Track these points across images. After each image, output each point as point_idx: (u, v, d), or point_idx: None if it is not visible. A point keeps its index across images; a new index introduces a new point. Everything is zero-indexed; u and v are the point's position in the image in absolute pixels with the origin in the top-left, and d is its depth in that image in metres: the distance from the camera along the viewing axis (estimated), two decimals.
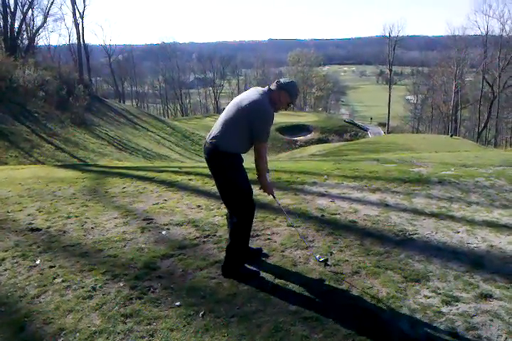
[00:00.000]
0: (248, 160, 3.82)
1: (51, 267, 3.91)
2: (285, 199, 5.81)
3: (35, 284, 3.59)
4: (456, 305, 3.23)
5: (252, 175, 3.68)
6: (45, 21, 39.07)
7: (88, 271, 3.80)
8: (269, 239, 4.48)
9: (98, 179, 7.79)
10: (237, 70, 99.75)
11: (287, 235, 4.55)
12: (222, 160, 3.51)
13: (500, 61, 48.78)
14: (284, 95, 3.54)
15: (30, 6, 36.08)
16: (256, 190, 3.75)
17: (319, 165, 8.58)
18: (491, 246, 4.36)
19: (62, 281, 3.62)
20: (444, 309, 3.19)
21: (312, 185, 6.66)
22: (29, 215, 5.47)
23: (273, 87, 3.56)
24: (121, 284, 3.55)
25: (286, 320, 3.05)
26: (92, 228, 4.91)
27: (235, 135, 3.46)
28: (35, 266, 3.94)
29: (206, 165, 3.70)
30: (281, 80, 3.59)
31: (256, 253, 4.06)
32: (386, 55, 68.97)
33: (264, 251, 4.17)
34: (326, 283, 3.56)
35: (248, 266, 3.81)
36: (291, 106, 3.74)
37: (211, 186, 6.52)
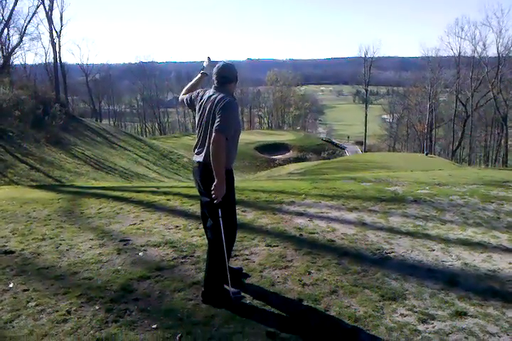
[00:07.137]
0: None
1: (25, 290, 3.82)
2: (264, 219, 5.83)
3: (8, 308, 3.50)
4: (432, 323, 3.27)
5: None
6: (21, 40, 38.89)
7: (63, 294, 3.73)
8: (247, 259, 4.47)
9: (74, 200, 7.68)
10: None
11: (266, 255, 4.55)
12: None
13: (473, 81, 50.35)
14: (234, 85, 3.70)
15: (6, 25, 36.00)
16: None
17: (297, 185, 8.64)
18: (466, 263, 4.43)
19: (36, 305, 3.54)
20: (421, 327, 3.21)
21: (290, 204, 6.70)
22: (2, 237, 5.35)
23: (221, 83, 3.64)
24: (97, 307, 3.48)
25: None
26: (67, 250, 4.82)
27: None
28: (8, 290, 3.84)
29: (184, 184, 3.66)
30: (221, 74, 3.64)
31: (237, 273, 4.00)
32: (362, 75, 70.66)
33: (244, 271, 4.15)
34: (304, 302, 3.57)
35: (228, 288, 3.70)
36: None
37: (189, 206, 6.50)
